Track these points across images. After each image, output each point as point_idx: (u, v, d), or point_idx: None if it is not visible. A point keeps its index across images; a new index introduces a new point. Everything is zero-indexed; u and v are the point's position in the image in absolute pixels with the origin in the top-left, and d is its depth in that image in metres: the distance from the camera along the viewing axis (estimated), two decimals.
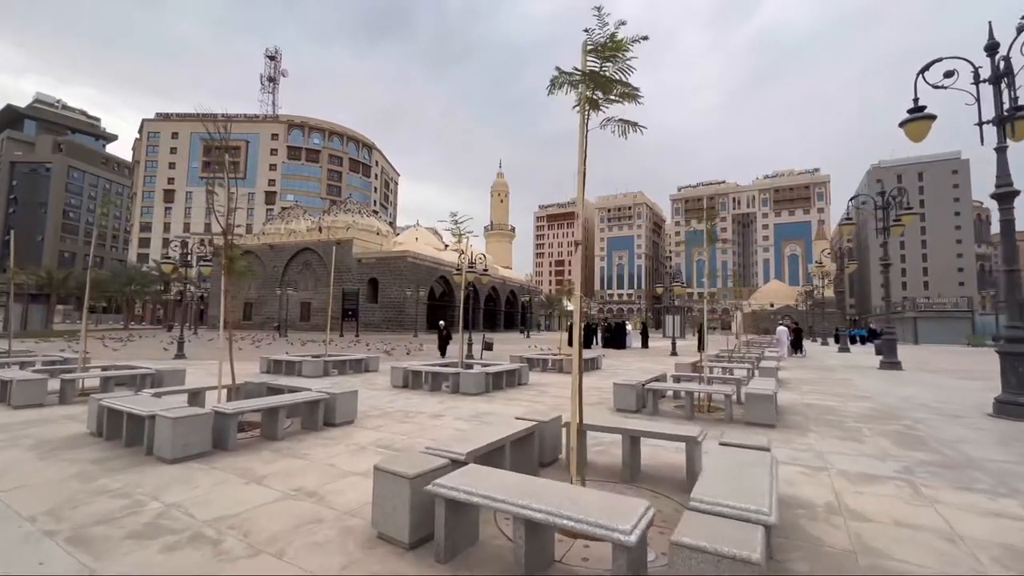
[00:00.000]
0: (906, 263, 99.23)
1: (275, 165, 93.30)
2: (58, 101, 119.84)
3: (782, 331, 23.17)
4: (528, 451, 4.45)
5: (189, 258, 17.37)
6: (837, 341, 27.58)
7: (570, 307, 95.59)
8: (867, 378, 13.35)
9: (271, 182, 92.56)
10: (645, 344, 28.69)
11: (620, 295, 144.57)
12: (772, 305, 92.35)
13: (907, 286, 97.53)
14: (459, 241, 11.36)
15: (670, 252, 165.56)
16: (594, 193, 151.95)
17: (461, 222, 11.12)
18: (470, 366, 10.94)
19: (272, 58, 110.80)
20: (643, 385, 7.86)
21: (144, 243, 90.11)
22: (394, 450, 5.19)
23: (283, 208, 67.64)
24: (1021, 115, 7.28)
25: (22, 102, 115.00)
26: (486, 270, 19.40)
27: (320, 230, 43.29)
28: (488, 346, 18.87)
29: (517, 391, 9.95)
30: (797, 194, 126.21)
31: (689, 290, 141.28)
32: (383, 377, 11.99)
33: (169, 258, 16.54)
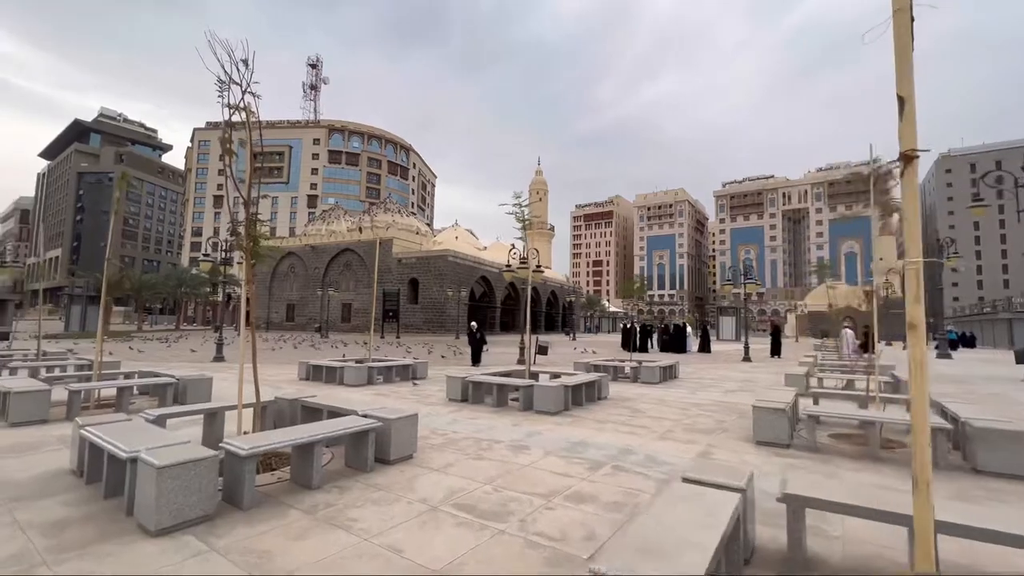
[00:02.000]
0: (982, 259, 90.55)
1: (316, 169, 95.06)
2: (120, 115, 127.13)
3: (848, 333, 21.39)
4: (734, 549, 2.55)
5: (228, 256, 16.45)
6: (936, 346, 24.08)
7: (612, 308, 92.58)
8: None
9: (313, 186, 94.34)
10: (706, 348, 26.09)
11: (661, 296, 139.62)
12: (831, 306, 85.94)
13: (983, 284, 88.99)
14: (523, 227, 9.61)
15: (713, 251, 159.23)
16: (630, 192, 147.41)
17: (524, 204, 9.42)
18: (535, 375, 9.15)
19: (313, 66, 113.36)
20: (795, 408, 5.80)
21: (196, 247, 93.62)
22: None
23: (323, 211, 68.32)
24: None
25: (88, 117, 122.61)
26: (540, 266, 17.59)
27: (360, 230, 42.75)
28: (543, 349, 17.07)
29: (601, 408, 8.06)
30: (855, 187, 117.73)
31: (736, 290, 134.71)
32: (435, 387, 10.36)
33: (208, 255, 15.60)
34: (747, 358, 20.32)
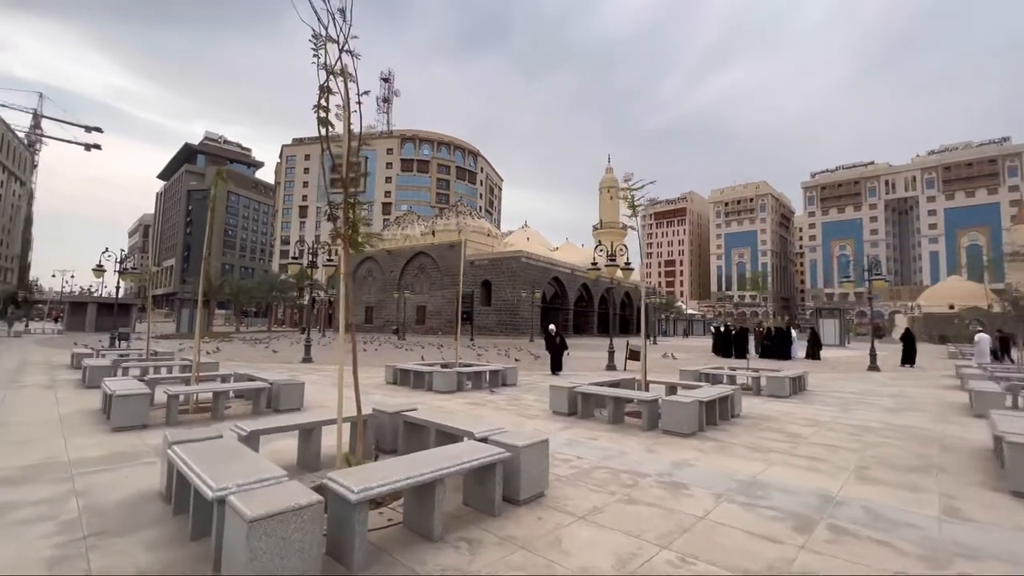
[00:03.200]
0: None
1: (390, 177, 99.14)
2: (220, 137, 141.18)
3: (983, 339, 18.37)
4: None
5: (313, 260, 16.68)
6: None
7: (690, 310, 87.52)
8: None
9: (387, 193, 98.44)
10: (815, 354, 22.99)
11: (742, 296, 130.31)
12: (952, 307, 74.96)
13: None
14: (633, 214, 8.33)
15: (800, 247, 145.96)
16: (702, 187, 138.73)
17: (636, 187, 8.15)
18: (641, 385, 7.83)
19: (386, 80, 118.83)
20: None
21: (284, 254, 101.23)
22: None
23: (396, 217, 70.74)
24: None
25: (195, 141, 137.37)
26: (628, 263, 16.12)
27: (433, 233, 43.31)
28: (635, 354, 15.57)
29: (743, 429, 6.59)
30: (978, 171, 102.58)
31: (829, 290, 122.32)
32: (532, 396, 9.37)
33: (296, 259, 15.85)
34: (874, 367, 17.42)
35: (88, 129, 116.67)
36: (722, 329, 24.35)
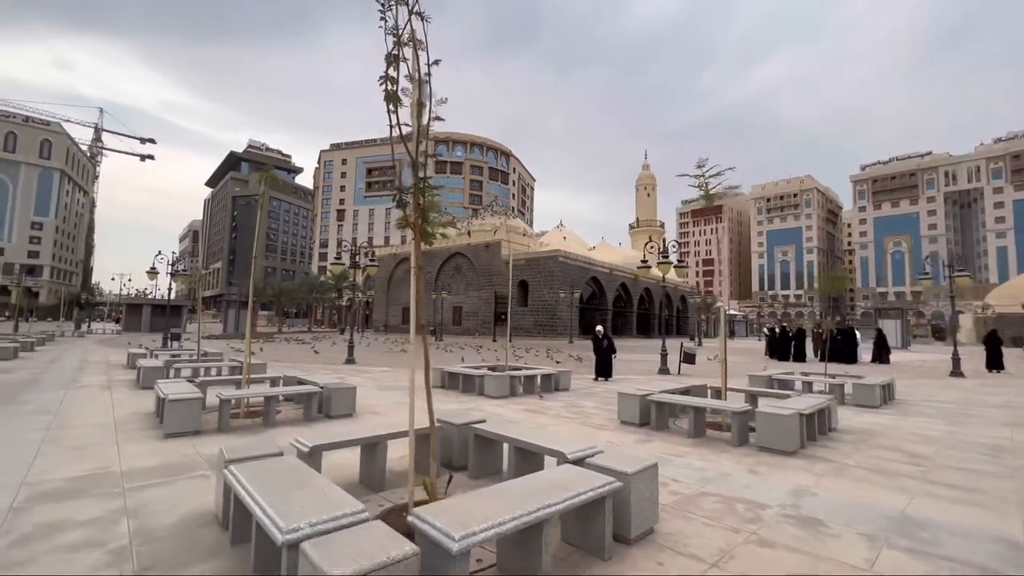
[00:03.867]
0: None
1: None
2: (263, 144, 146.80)
3: None
4: None
5: (357, 259, 16.56)
6: None
7: (732, 311, 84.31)
8: None
9: None
10: (882, 358, 21.23)
11: (785, 296, 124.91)
12: None
13: None
14: (707, 197, 7.51)
15: (849, 244, 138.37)
16: (744, 183, 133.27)
17: (711, 173, 7.38)
18: (716, 393, 7.02)
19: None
20: None
21: (322, 257, 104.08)
22: None
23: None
24: None
25: (239, 149, 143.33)
26: (682, 261, 15.18)
27: (469, 234, 43.14)
28: (690, 358, 14.61)
29: (851, 447, 5.72)
30: None
31: (882, 289, 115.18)
32: (591, 403, 8.72)
33: (338, 259, 15.75)
34: (958, 372, 15.79)
35: (143, 141, 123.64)
36: (776, 331, 22.86)
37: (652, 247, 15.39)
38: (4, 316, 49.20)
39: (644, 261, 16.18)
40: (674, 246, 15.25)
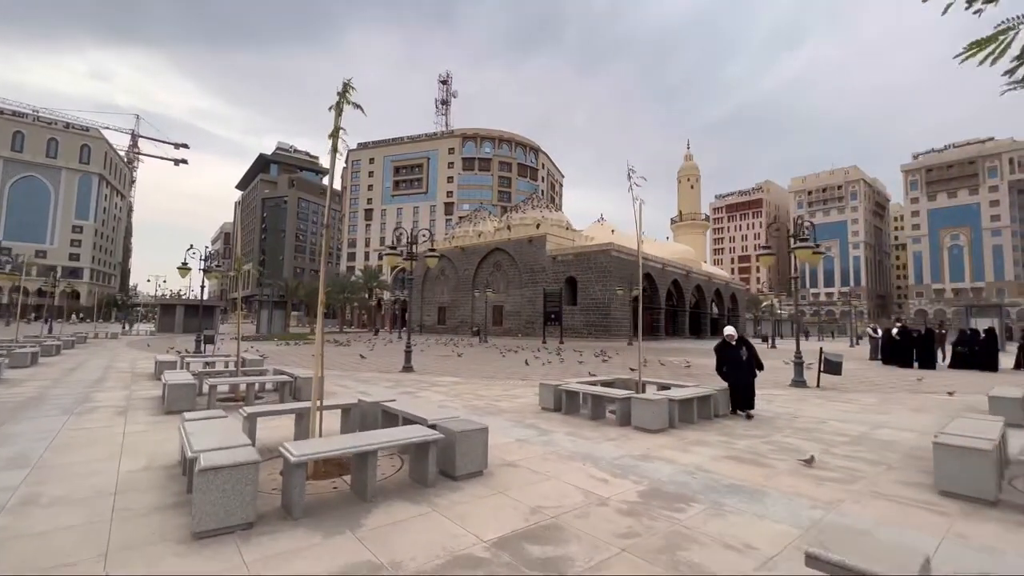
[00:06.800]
0: None
1: (452, 177, 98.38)
2: (291, 147, 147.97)
3: None
4: None
5: (413, 248, 14.11)
6: None
7: (779, 309, 79.62)
8: None
9: (449, 193, 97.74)
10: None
11: (830, 294, 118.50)
12: None
13: None
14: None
15: (896, 238, 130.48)
16: (777, 176, 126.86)
17: None
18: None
19: (444, 82, 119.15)
20: None
21: (351, 257, 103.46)
22: None
23: (467, 215, 69.05)
24: None
25: (268, 152, 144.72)
26: (819, 247, 12.12)
27: (508, 228, 40.53)
28: (833, 367, 11.60)
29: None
30: None
31: (938, 286, 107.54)
32: (806, 443, 5.91)
33: (393, 248, 13.32)
34: None
35: (177, 146, 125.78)
36: (894, 333, 19.46)
37: (777, 229, 12.38)
38: (42, 318, 49.17)
39: (767, 246, 13.24)
40: (809, 226, 12.26)
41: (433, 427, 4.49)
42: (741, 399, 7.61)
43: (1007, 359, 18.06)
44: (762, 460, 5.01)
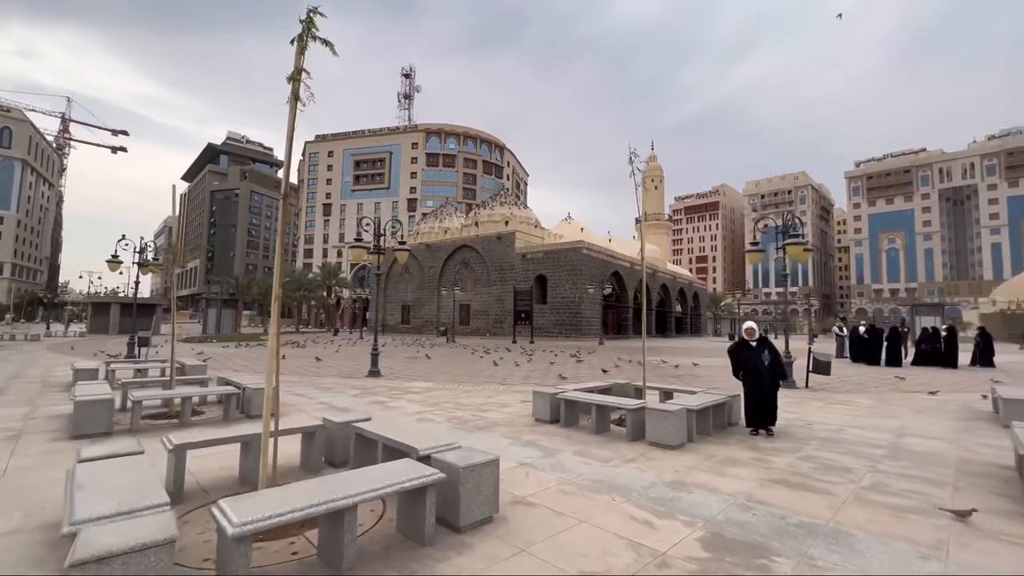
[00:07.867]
0: None
1: (415, 173, 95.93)
2: (243, 136, 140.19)
3: None
4: None
5: (381, 241, 12.86)
6: None
7: (741, 308, 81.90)
8: None
9: (412, 189, 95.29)
10: (988, 360, 18.44)
11: (780, 293, 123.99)
12: None
13: None
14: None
15: (839, 240, 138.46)
16: (731, 180, 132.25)
17: None
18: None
19: (407, 76, 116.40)
20: None
21: (308, 253, 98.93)
22: None
23: (433, 210, 67.18)
24: None
25: (217, 142, 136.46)
26: (808, 246, 11.86)
27: (476, 224, 39.39)
28: (821, 367, 11.33)
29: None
30: None
31: (877, 286, 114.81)
32: (854, 461, 5.24)
33: (359, 240, 12.05)
34: None
35: (115, 132, 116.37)
36: (862, 331, 19.84)
37: (765, 226, 12.07)
38: None
39: (755, 243, 12.87)
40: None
41: (426, 459, 3.45)
42: (764, 414, 6.21)
43: (963, 356, 18.71)
44: (812, 484, 4.27)
